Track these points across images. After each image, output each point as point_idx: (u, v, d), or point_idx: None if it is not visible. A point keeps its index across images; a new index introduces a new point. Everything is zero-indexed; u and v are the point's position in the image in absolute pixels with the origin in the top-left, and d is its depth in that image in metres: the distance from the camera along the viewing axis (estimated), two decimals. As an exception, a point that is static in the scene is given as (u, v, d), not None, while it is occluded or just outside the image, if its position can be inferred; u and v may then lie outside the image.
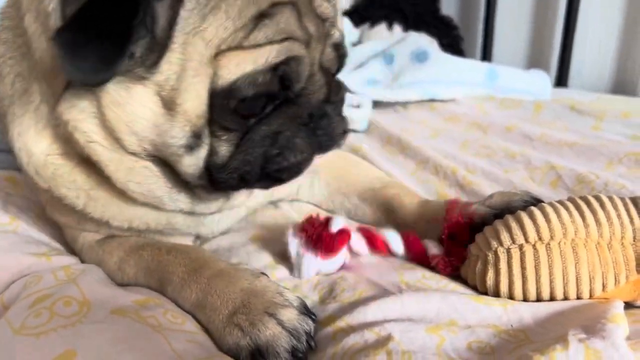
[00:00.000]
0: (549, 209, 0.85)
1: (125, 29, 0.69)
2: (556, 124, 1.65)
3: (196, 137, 0.79)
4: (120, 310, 0.78)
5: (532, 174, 1.35)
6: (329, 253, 0.95)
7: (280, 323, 0.78)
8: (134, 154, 0.83)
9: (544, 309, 0.81)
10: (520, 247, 0.84)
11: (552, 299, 0.84)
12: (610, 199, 0.86)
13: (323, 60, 0.85)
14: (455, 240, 0.95)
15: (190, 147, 0.80)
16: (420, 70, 1.91)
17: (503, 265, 0.84)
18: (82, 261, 1.02)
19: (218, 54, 0.74)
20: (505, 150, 1.47)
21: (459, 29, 2.47)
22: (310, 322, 0.80)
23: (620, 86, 2.21)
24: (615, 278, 0.81)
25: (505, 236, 0.85)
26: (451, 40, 2.39)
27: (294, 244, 0.96)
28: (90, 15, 0.70)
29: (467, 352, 0.72)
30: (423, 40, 2.00)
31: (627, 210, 0.84)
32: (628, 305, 0.83)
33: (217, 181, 0.85)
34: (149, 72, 0.74)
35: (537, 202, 0.96)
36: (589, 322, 0.73)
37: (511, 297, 0.85)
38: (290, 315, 0.79)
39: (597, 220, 0.83)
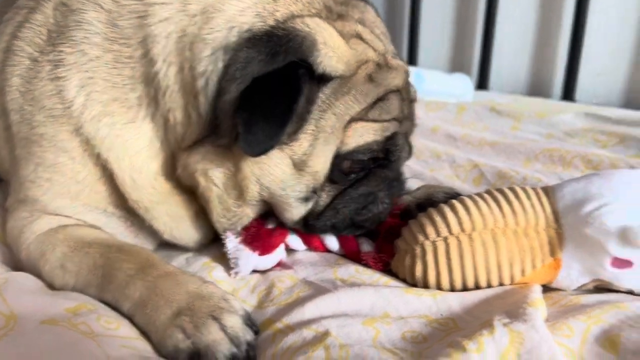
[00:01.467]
0: (469, 202, 0.91)
1: (288, 111, 0.81)
2: (478, 125, 1.75)
3: (314, 191, 0.92)
4: (51, 320, 0.76)
5: (457, 171, 1.43)
6: (266, 250, 0.96)
7: (223, 329, 0.78)
8: (242, 200, 0.93)
9: (470, 297, 0.86)
10: (445, 239, 0.89)
11: (476, 286, 0.89)
12: (524, 189, 0.93)
13: (408, 132, 1.01)
14: (389, 237, 0.99)
15: (306, 199, 0.93)
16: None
17: (430, 258, 0.89)
18: (20, 257, 0.98)
19: (346, 126, 0.88)
20: (431, 150, 1.54)
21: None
22: (252, 333, 0.80)
23: (536, 88, 2.35)
24: (532, 263, 0.87)
25: (430, 230, 0.90)
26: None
27: (232, 241, 0.96)
28: (258, 96, 0.81)
29: (401, 342, 0.76)
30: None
31: (539, 199, 0.90)
32: (546, 288, 0.90)
33: (312, 226, 0.97)
34: (288, 139, 0.86)
35: (457, 195, 1.03)
36: (512, 307, 0.79)
37: (439, 287, 0.89)
38: (234, 322, 0.79)
39: (513, 210, 0.89)
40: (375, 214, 0.98)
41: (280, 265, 0.99)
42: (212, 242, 1.06)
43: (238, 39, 0.83)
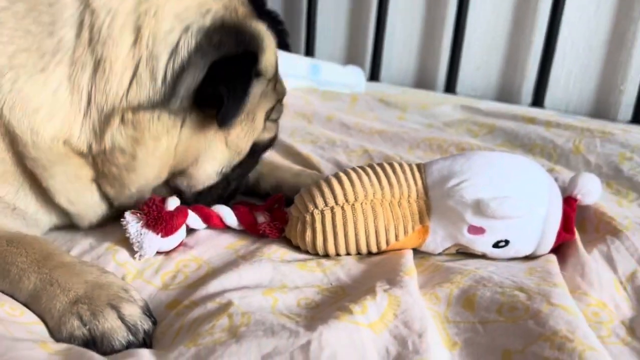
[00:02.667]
0: (353, 176, 1.03)
1: (246, 93, 0.94)
2: (369, 115, 1.89)
3: (231, 169, 1.10)
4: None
5: (350, 156, 1.54)
6: (169, 232, 1.00)
7: (121, 317, 0.79)
8: (163, 172, 1.03)
9: (355, 268, 0.99)
10: (332, 208, 1.00)
11: (358, 251, 1.02)
12: (400, 165, 1.07)
13: None
14: (278, 206, 1.12)
15: (223, 174, 1.10)
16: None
17: (318, 225, 1.00)
18: None
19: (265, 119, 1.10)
20: (327, 137, 1.65)
21: (283, 24, 2.62)
22: (150, 323, 0.83)
23: (422, 81, 2.55)
24: (405, 229, 1.01)
25: (319, 200, 1.01)
26: (277, 34, 2.53)
27: (134, 224, 0.99)
28: (224, 77, 0.92)
29: (297, 308, 0.85)
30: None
31: (413, 174, 1.05)
32: (416, 253, 1.04)
33: (204, 198, 1.12)
34: None
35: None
36: (390, 275, 0.91)
37: (326, 252, 1.02)
38: (132, 311, 0.81)
39: (390, 183, 1.03)
40: (238, 186, 1.21)
41: (182, 245, 1.05)
42: (110, 225, 1.08)
43: (212, 24, 0.93)
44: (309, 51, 2.64)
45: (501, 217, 0.96)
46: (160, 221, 0.99)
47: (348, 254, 1.03)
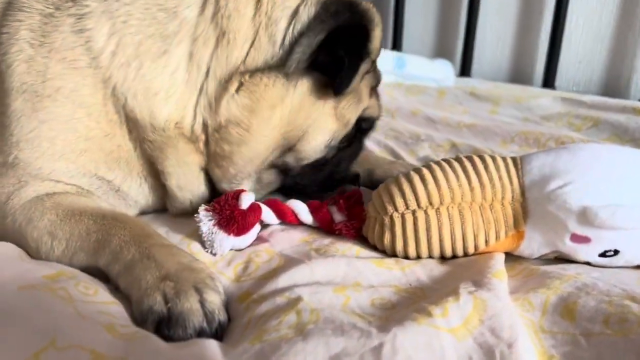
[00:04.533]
0: (439, 174, 0.92)
1: (359, 61, 0.99)
2: (457, 108, 1.78)
3: (337, 142, 1.09)
4: (29, 285, 0.77)
5: (436, 151, 1.46)
6: (242, 231, 0.97)
7: (202, 302, 0.78)
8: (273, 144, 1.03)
9: (437, 269, 0.90)
10: (414, 212, 0.92)
11: (442, 255, 0.93)
12: (494, 159, 0.95)
13: None
14: (355, 202, 1.03)
15: (330, 147, 1.08)
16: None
17: (398, 230, 0.92)
18: (4, 224, 0.96)
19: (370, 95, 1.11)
20: (410, 132, 1.57)
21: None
22: (226, 316, 0.80)
23: (517, 76, 2.39)
24: (497, 234, 0.91)
25: (399, 202, 0.92)
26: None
27: (206, 222, 0.97)
28: (341, 44, 0.96)
29: (370, 307, 0.79)
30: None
31: (508, 172, 0.92)
32: (509, 256, 0.93)
33: (301, 185, 1.13)
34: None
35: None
36: (477, 277, 0.82)
37: (406, 256, 0.93)
38: (213, 299, 0.80)
39: (481, 183, 0.91)
40: (345, 174, 1.19)
41: (257, 240, 1.01)
42: (185, 216, 1.07)
43: None
44: (396, 45, 2.56)
45: (611, 228, 0.84)
46: (232, 221, 0.96)
47: (431, 257, 0.94)
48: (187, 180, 1.05)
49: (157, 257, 0.84)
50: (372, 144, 1.51)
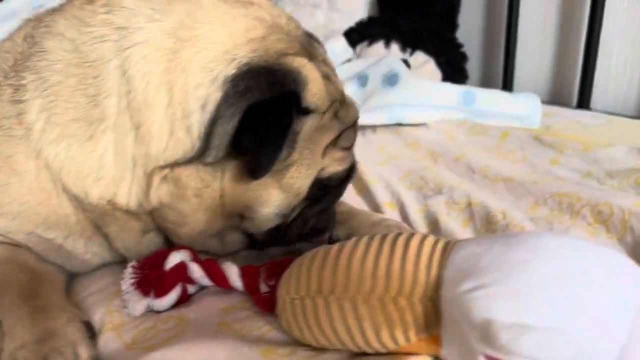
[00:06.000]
0: (343, 256, 0.80)
1: (283, 137, 0.90)
2: (516, 155, 1.53)
3: (292, 209, 1.02)
4: None
5: (450, 209, 1.27)
6: (159, 293, 0.95)
7: None
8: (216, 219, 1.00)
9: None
10: (302, 299, 0.80)
11: (348, 348, 0.80)
12: (422, 241, 0.78)
13: None
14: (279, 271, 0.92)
15: (284, 215, 1.02)
16: (389, 94, 1.84)
17: (290, 315, 0.82)
18: None
19: (322, 154, 1.00)
20: (437, 183, 1.39)
21: (462, 47, 2.36)
22: None
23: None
24: (405, 335, 0.75)
25: (291, 286, 0.82)
26: (450, 59, 2.29)
27: (127, 281, 0.96)
28: (257, 123, 0.88)
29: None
30: (396, 63, 1.93)
31: (430, 260, 0.75)
32: None
33: (281, 237, 1.07)
34: (279, 164, 0.94)
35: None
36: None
37: (306, 342, 0.83)
38: None
39: (388, 273, 0.76)
40: (329, 221, 1.14)
41: (182, 301, 0.98)
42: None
43: (237, 70, 0.88)
44: (507, 84, 2.32)
45: (516, 356, 0.63)
46: (148, 282, 0.95)
47: (334, 348, 0.81)
48: (133, 243, 1.05)
49: (25, 323, 0.84)
50: (382, 193, 1.37)
